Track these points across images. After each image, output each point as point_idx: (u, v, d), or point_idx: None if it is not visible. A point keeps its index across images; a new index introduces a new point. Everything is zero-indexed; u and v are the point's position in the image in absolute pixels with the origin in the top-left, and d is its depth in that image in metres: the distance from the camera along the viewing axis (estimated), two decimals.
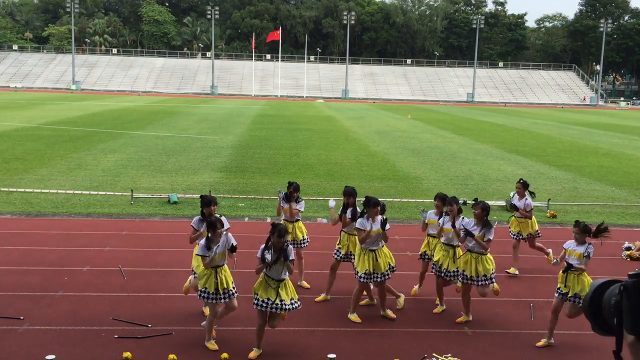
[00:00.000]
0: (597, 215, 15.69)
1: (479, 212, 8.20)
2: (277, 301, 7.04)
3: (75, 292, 9.02)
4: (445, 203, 8.67)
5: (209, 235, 7.19)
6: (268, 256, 6.95)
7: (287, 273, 7.18)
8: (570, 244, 7.75)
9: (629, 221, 15.23)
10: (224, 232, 7.35)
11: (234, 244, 7.27)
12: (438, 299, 8.76)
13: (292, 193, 9.31)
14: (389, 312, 8.38)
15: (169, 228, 13.11)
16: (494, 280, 8.29)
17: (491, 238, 8.18)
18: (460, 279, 8.33)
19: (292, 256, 7.20)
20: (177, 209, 14.86)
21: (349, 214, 8.79)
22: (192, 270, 8.05)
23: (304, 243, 9.49)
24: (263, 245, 7.12)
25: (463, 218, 8.46)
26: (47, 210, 14.31)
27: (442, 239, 8.58)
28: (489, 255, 8.27)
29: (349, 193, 8.97)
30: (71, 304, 8.54)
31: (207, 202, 8.14)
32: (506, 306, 9.02)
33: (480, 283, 8.20)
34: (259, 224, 13.59)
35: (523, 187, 10.66)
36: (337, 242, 9.10)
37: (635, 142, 36.59)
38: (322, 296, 9.02)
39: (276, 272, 7.10)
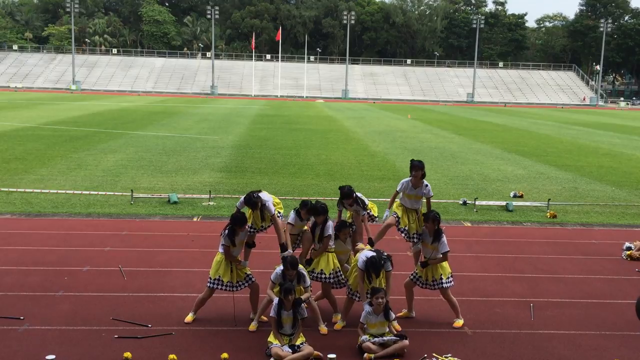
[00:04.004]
0: (597, 215, 15.70)
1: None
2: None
3: (75, 292, 9.01)
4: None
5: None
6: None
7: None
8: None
9: (629, 221, 15.22)
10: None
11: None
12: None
13: (304, 215, 8.35)
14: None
15: (169, 228, 13.11)
16: (447, 284, 8.25)
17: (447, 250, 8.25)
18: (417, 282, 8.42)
19: (306, 314, 7.44)
20: (177, 209, 14.86)
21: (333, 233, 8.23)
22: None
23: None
24: (276, 303, 7.35)
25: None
26: (47, 210, 14.31)
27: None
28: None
29: (318, 211, 8.17)
30: (71, 304, 8.54)
31: (243, 220, 7.94)
32: (506, 306, 9.02)
33: (433, 287, 8.27)
34: None
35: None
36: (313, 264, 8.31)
37: (635, 142, 36.60)
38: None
39: (289, 326, 7.33)
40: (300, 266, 7.85)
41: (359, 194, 8.74)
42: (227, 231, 7.91)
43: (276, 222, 8.21)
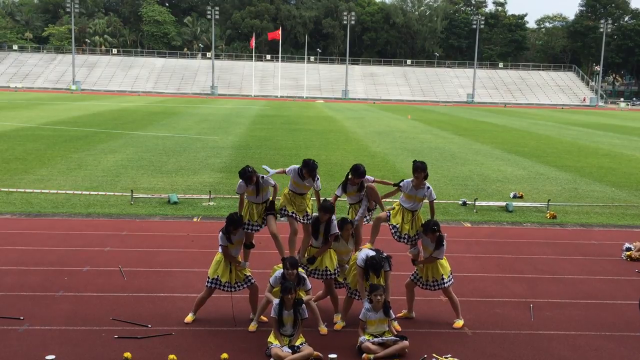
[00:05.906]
0: (597, 216, 15.70)
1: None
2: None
3: (75, 292, 9.02)
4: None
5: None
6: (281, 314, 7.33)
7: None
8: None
9: (628, 222, 15.23)
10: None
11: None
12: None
13: (306, 174, 8.76)
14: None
15: (169, 228, 13.12)
16: (448, 283, 8.26)
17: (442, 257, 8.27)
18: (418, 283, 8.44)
19: (306, 314, 7.43)
20: (177, 210, 14.87)
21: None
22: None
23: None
24: (277, 304, 7.33)
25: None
26: (47, 210, 14.31)
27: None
28: (442, 260, 8.27)
29: (326, 209, 8.29)
30: (71, 304, 8.54)
31: (238, 223, 7.96)
32: (506, 307, 9.02)
33: (433, 288, 8.28)
34: None
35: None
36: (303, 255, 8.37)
37: (635, 142, 36.61)
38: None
39: (290, 327, 7.32)
40: (301, 270, 7.85)
41: (369, 177, 8.87)
42: (222, 231, 7.92)
43: (275, 189, 8.62)
